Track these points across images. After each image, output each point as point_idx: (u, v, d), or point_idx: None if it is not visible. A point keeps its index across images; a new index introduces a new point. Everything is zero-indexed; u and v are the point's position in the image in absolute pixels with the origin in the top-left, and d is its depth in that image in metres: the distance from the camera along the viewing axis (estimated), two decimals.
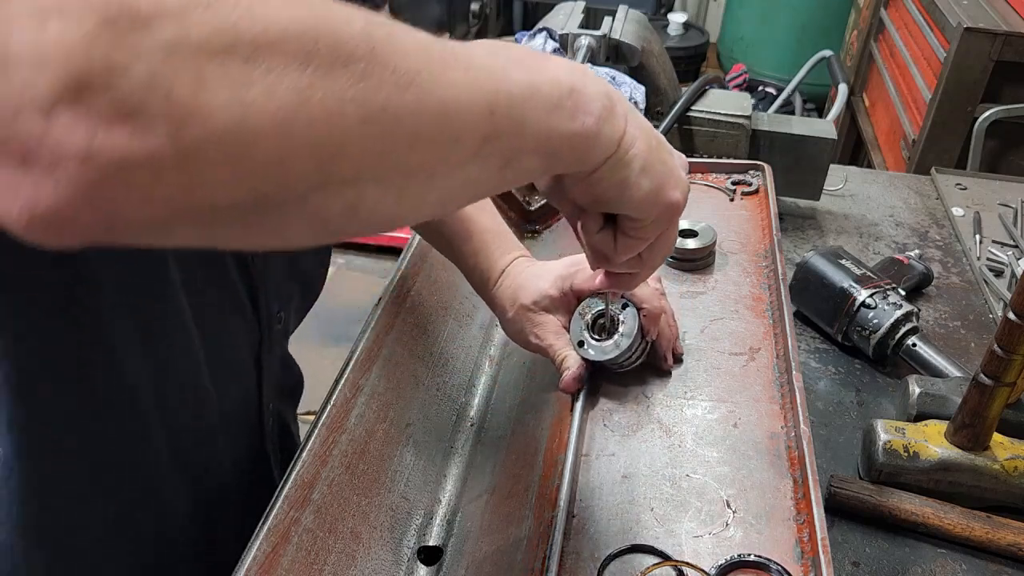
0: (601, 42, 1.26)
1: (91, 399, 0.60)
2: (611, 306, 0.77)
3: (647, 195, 0.55)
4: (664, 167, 0.55)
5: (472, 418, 0.90)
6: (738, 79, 3.61)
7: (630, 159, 0.53)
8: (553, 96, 0.47)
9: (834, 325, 1.09)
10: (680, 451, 0.71)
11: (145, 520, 0.68)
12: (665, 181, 0.55)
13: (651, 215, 0.56)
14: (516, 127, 0.46)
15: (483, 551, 0.71)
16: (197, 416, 0.68)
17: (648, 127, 0.56)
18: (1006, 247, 1.33)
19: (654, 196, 0.55)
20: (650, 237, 0.58)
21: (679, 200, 0.57)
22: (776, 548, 0.62)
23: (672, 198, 0.56)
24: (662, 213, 0.57)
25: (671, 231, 0.60)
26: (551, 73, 0.48)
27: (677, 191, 0.56)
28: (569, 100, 0.48)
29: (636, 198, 0.55)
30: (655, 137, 0.56)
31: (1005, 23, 1.86)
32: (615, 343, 0.76)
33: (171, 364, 0.64)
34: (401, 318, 0.89)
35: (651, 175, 0.54)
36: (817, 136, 1.30)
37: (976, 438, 0.86)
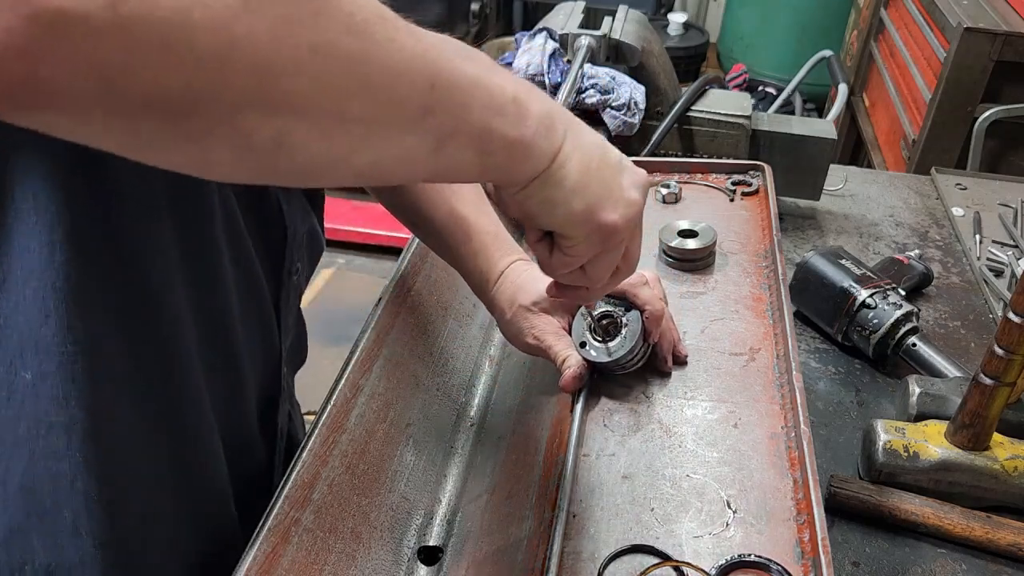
0: (601, 42, 1.26)
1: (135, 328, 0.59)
2: (614, 308, 0.77)
3: (576, 215, 0.56)
4: (603, 187, 0.56)
5: (472, 418, 0.90)
6: (738, 79, 3.61)
7: (560, 178, 0.54)
8: (496, 97, 0.49)
9: (834, 325, 1.09)
10: (680, 451, 0.71)
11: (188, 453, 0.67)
12: (600, 202, 0.56)
13: (580, 235, 0.57)
14: (455, 110, 0.47)
15: (483, 551, 0.71)
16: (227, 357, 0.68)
17: (593, 145, 0.56)
18: (1006, 247, 1.33)
19: (584, 216, 0.56)
20: (584, 255, 0.59)
21: (614, 222, 0.57)
22: (776, 548, 0.62)
23: (605, 220, 0.57)
24: (593, 233, 0.57)
25: (616, 253, 0.60)
26: (499, 79, 0.50)
27: (614, 213, 0.57)
28: (511, 106, 0.50)
29: (563, 217, 0.56)
30: (601, 156, 0.57)
31: (1005, 23, 1.86)
32: (618, 345, 0.76)
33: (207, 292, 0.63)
34: (401, 318, 0.89)
35: (584, 195, 0.55)
36: (817, 136, 1.31)
37: (976, 438, 0.86)
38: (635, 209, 0.58)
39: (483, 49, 2.44)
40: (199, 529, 0.69)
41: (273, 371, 0.78)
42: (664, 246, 0.95)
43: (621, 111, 1.19)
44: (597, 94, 1.18)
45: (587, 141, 0.56)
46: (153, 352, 0.61)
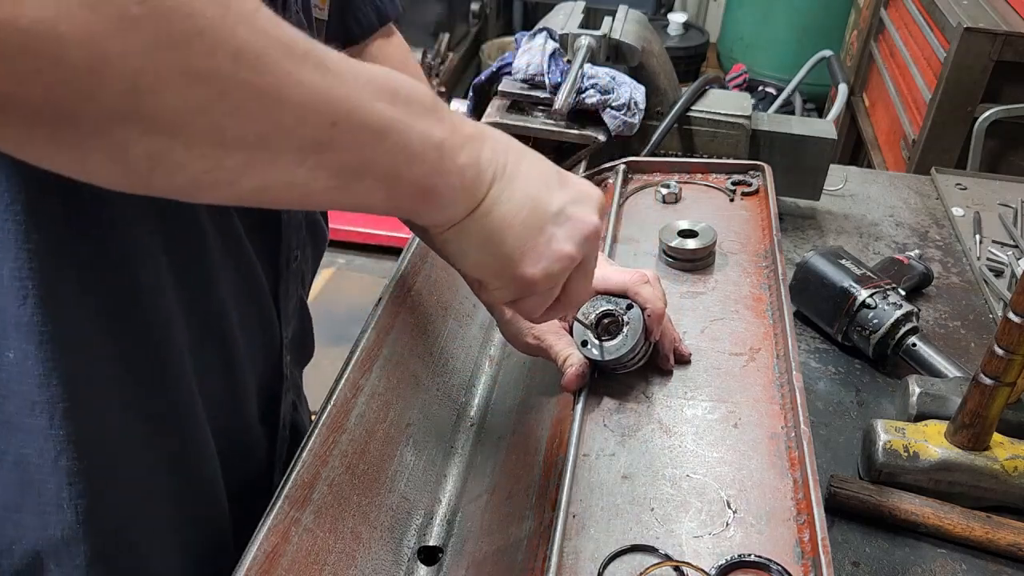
0: (601, 42, 1.26)
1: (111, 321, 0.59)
2: (616, 306, 0.77)
3: (488, 267, 0.57)
4: (523, 242, 0.56)
5: (472, 418, 0.90)
6: (738, 79, 3.61)
7: (476, 230, 0.55)
8: (412, 144, 0.49)
9: (834, 325, 1.09)
10: (680, 451, 0.71)
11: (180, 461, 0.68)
12: (517, 257, 0.56)
13: (495, 283, 0.58)
14: (360, 150, 0.47)
15: (483, 551, 0.71)
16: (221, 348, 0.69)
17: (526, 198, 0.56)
18: (1006, 247, 1.33)
19: (497, 269, 0.57)
20: (503, 300, 0.60)
21: (531, 276, 0.57)
22: (776, 548, 0.62)
23: (520, 273, 0.57)
24: (508, 284, 0.58)
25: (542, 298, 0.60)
26: (425, 125, 0.50)
27: (533, 268, 0.57)
28: (432, 154, 0.50)
29: (474, 266, 0.57)
30: (531, 210, 0.56)
31: (1005, 23, 1.86)
32: (619, 343, 0.76)
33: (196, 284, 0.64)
34: (401, 318, 0.89)
35: (499, 249, 0.56)
36: (817, 136, 1.30)
37: (976, 438, 0.86)
38: (562, 264, 0.58)
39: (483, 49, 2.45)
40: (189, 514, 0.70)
41: (274, 361, 0.78)
42: (664, 246, 0.95)
43: (621, 111, 1.19)
44: (597, 94, 1.18)
45: (519, 194, 0.56)
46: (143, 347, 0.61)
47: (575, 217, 0.58)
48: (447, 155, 0.52)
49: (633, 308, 0.77)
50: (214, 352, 0.68)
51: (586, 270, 0.62)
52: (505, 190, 0.56)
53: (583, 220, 0.59)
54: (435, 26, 3.50)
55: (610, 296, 0.78)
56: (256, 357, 0.74)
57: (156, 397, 0.64)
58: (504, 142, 0.58)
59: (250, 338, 0.72)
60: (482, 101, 1.28)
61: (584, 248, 0.59)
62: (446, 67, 3.41)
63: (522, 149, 0.59)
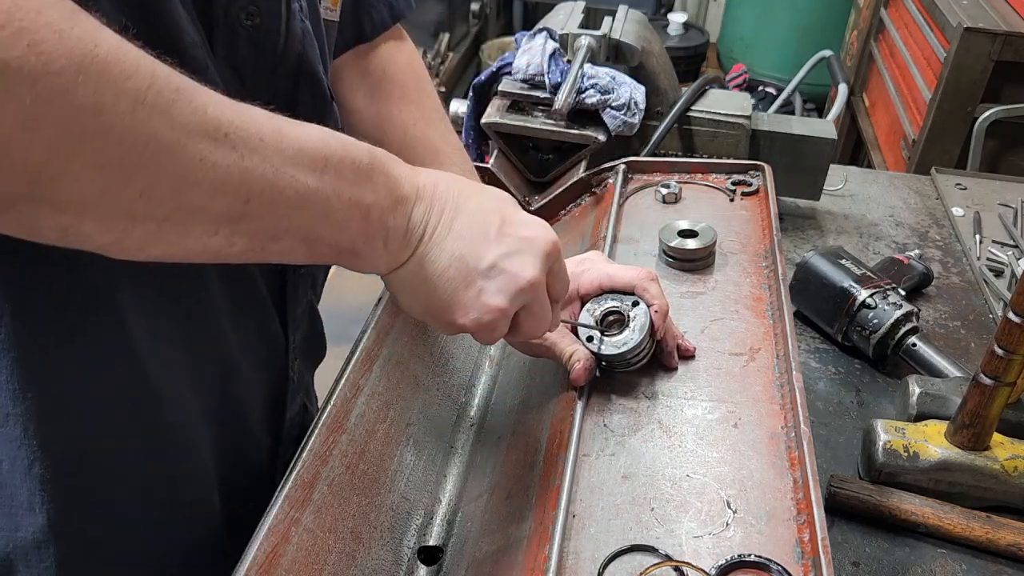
0: (601, 42, 1.26)
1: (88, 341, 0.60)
2: (621, 303, 0.77)
3: (419, 314, 0.62)
4: (450, 296, 0.60)
5: (472, 418, 0.90)
6: (738, 79, 3.61)
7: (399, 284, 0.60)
8: (338, 212, 0.52)
9: (834, 325, 1.09)
10: (680, 451, 0.71)
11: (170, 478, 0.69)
12: (445, 308, 0.61)
13: (434, 326, 0.63)
14: (277, 220, 0.50)
15: (483, 551, 0.71)
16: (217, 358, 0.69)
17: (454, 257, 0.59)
18: (1006, 247, 1.33)
19: (427, 316, 0.62)
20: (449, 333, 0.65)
21: (463, 325, 0.61)
22: (776, 548, 0.62)
23: (453, 322, 0.61)
24: (444, 328, 0.63)
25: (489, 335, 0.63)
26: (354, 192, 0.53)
27: (462, 318, 0.61)
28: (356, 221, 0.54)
29: (408, 310, 0.62)
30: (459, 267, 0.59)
31: (1005, 23, 1.86)
32: (624, 339, 0.76)
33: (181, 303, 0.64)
34: (401, 318, 0.89)
35: (426, 301, 0.61)
36: (817, 136, 1.30)
37: (976, 438, 0.86)
38: (492, 315, 0.61)
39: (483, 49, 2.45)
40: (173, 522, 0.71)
41: (280, 367, 0.78)
42: (664, 246, 0.95)
43: (621, 111, 1.19)
44: (597, 94, 1.18)
45: (447, 252, 0.59)
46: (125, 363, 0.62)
47: (508, 271, 0.61)
48: (374, 220, 0.55)
49: (638, 305, 0.77)
50: (208, 363, 0.68)
51: (534, 313, 0.64)
52: (433, 249, 0.59)
53: (515, 274, 0.61)
54: (435, 26, 3.49)
55: (615, 293, 0.78)
56: (258, 365, 0.74)
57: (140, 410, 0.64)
58: (443, 197, 0.60)
59: (249, 347, 0.72)
60: (482, 101, 1.28)
61: (517, 300, 0.62)
62: (446, 67, 3.41)
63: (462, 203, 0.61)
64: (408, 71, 0.91)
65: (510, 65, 1.25)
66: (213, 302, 0.66)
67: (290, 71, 0.65)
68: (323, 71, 0.70)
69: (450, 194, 0.61)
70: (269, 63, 0.63)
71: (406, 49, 0.93)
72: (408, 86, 0.90)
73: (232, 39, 0.60)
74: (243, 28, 0.60)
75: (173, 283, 0.62)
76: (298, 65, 0.66)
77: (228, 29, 0.60)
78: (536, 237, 0.63)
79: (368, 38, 0.87)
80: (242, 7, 0.59)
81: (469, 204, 0.61)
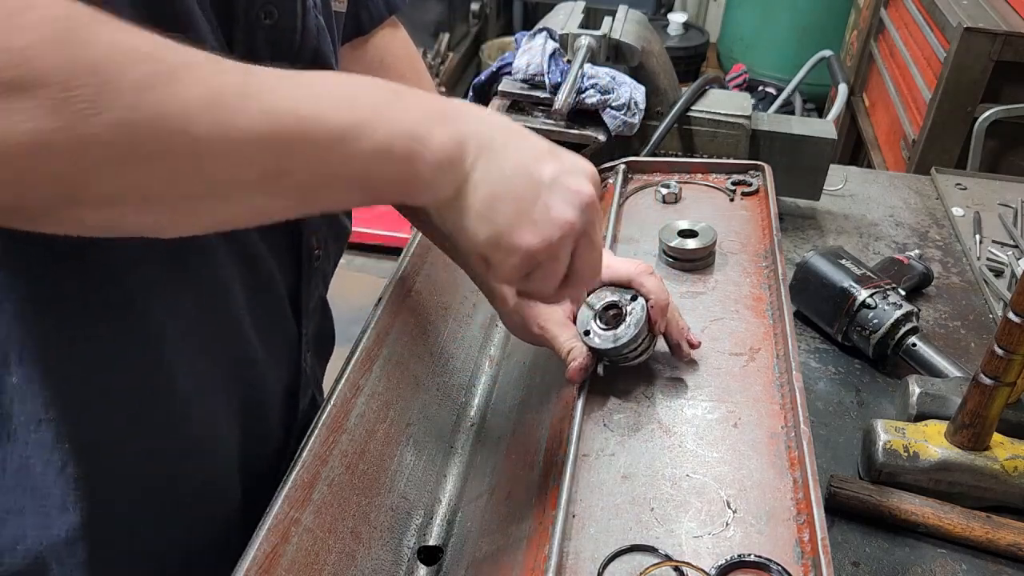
0: (601, 42, 1.26)
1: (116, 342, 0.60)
2: (620, 297, 0.77)
3: (484, 242, 0.57)
4: (517, 212, 0.56)
5: (472, 418, 0.90)
6: (738, 79, 3.61)
7: (465, 207, 0.55)
8: (380, 140, 0.50)
9: (834, 325, 1.09)
10: (680, 451, 0.71)
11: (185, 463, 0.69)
12: (513, 227, 0.56)
13: (496, 258, 0.58)
14: (319, 167, 0.48)
15: (483, 551, 0.71)
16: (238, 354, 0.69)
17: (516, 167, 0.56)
18: (1006, 247, 1.33)
19: (493, 242, 0.57)
20: (511, 275, 0.59)
21: (529, 245, 0.57)
22: (776, 548, 0.62)
23: (518, 243, 0.56)
24: (508, 256, 0.57)
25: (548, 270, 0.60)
26: (388, 118, 0.51)
27: (531, 236, 0.56)
28: (403, 146, 0.51)
29: (472, 242, 0.57)
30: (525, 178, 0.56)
31: (1005, 23, 1.86)
32: (621, 333, 0.75)
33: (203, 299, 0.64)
34: (401, 318, 0.89)
35: (491, 222, 0.56)
36: (817, 136, 1.30)
37: (976, 438, 0.86)
38: (562, 230, 0.57)
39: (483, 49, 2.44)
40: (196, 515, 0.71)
41: (295, 358, 0.79)
42: (664, 246, 0.95)
43: (621, 111, 1.19)
44: (597, 94, 1.18)
45: (509, 165, 0.56)
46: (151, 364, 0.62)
47: (570, 186, 0.58)
48: (421, 140, 0.52)
49: (637, 299, 0.76)
50: (229, 359, 0.68)
51: (591, 241, 0.61)
52: (493, 162, 0.55)
53: (578, 188, 0.58)
54: (435, 26, 3.49)
55: (615, 287, 0.78)
56: (275, 361, 0.75)
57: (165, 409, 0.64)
58: (489, 117, 0.58)
59: (267, 343, 0.72)
60: (482, 101, 1.28)
61: (584, 215, 0.58)
62: (446, 67, 3.41)
63: (510, 124, 0.59)
64: (405, 60, 0.91)
65: (510, 65, 1.25)
66: (232, 296, 0.66)
67: (306, 66, 0.66)
68: (335, 64, 0.71)
69: (497, 117, 0.59)
70: (287, 60, 0.64)
71: (401, 38, 0.93)
72: (406, 76, 0.90)
73: (251, 38, 0.61)
74: (261, 28, 0.61)
75: (192, 277, 0.62)
76: (314, 60, 0.67)
77: (247, 28, 0.61)
78: (583, 162, 0.61)
79: (365, 31, 0.87)
80: (260, 6, 0.60)
81: (516, 126, 0.59)
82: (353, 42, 0.87)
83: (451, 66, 3.45)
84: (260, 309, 0.70)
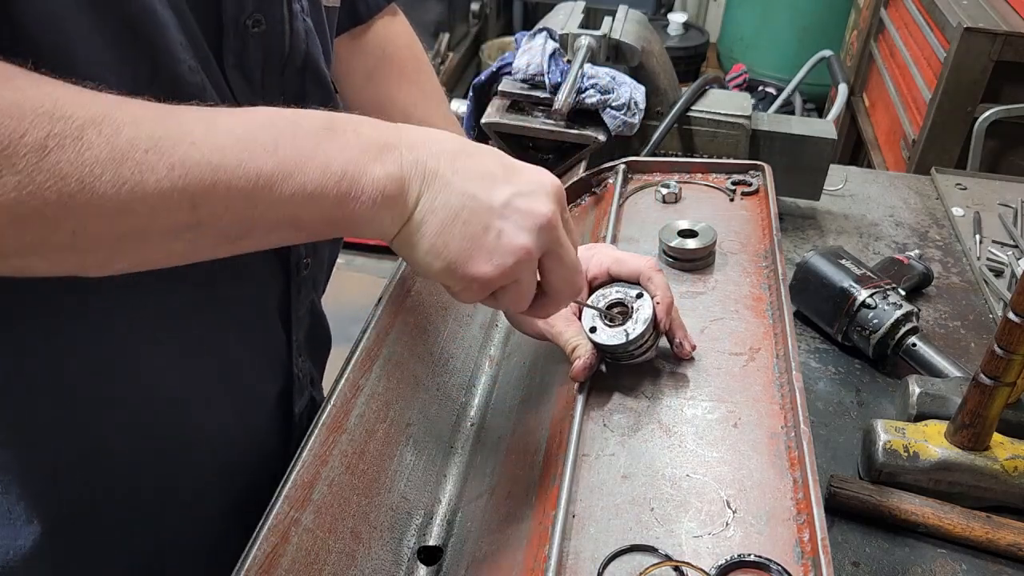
0: (601, 42, 1.26)
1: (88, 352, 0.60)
2: (625, 295, 0.77)
3: (438, 272, 0.56)
4: (467, 242, 0.55)
5: (472, 418, 0.90)
6: (738, 79, 3.61)
7: (413, 241, 0.54)
8: (310, 182, 0.49)
9: (834, 325, 1.09)
10: (680, 451, 0.71)
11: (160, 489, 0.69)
12: (465, 257, 0.55)
13: (454, 287, 0.57)
14: (234, 213, 0.47)
15: (483, 551, 0.71)
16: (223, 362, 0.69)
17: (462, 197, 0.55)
18: (1006, 247, 1.33)
19: (447, 273, 0.56)
20: (472, 299, 0.59)
21: (484, 274, 0.56)
22: (776, 548, 0.62)
23: (471, 273, 0.55)
24: (466, 285, 0.56)
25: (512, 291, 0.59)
26: (322, 157, 0.49)
27: (485, 265, 0.55)
28: (334, 186, 0.50)
29: (426, 272, 0.56)
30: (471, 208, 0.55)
31: (1005, 23, 1.86)
32: (628, 330, 0.75)
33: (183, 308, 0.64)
34: (401, 318, 0.89)
35: (443, 254, 0.55)
36: (817, 136, 1.30)
37: (976, 438, 0.86)
38: (515, 255, 0.56)
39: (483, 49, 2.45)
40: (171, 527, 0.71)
41: (285, 366, 0.78)
42: (664, 246, 0.95)
43: (621, 111, 1.19)
44: (597, 94, 1.18)
45: (455, 196, 0.55)
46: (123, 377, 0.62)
47: (523, 209, 0.56)
48: (354, 179, 0.51)
49: (642, 297, 0.77)
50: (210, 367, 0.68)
51: (559, 258, 0.60)
52: (439, 193, 0.54)
53: (532, 211, 0.57)
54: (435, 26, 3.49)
55: (619, 285, 0.78)
56: (261, 365, 0.74)
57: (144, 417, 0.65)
58: (434, 143, 0.56)
59: (253, 347, 0.72)
60: (482, 101, 1.28)
61: (540, 238, 0.57)
62: (446, 67, 3.41)
63: (458, 147, 0.57)
64: (406, 50, 0.91)
65: (510, 65, 1.25)
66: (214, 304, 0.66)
67: (297, 69, 0.67)
68: (326, 64, 0.71)
69: (446, 142, 0.57)
70: (278, 65, 0.65)
71: (403, 27, 0.92)
72: (407, 67, 0.90)
73: (242, 47, 0.62)
74: (251, 36, 0.62)
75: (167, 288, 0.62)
76: (304, 62, 0.67)
77: (237, 38, 0.61)
78: (542, 179, 0.59)
79: (363, 19, 0.87)
80: (248, 15, 0.61)
81: (467, 149, 0.58)
82: (353, 32, 0.87)
83: (451, 66, 3.45)
84: (244, 317, 0.70)
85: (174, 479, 0.69)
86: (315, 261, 0.78)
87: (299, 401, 0.82)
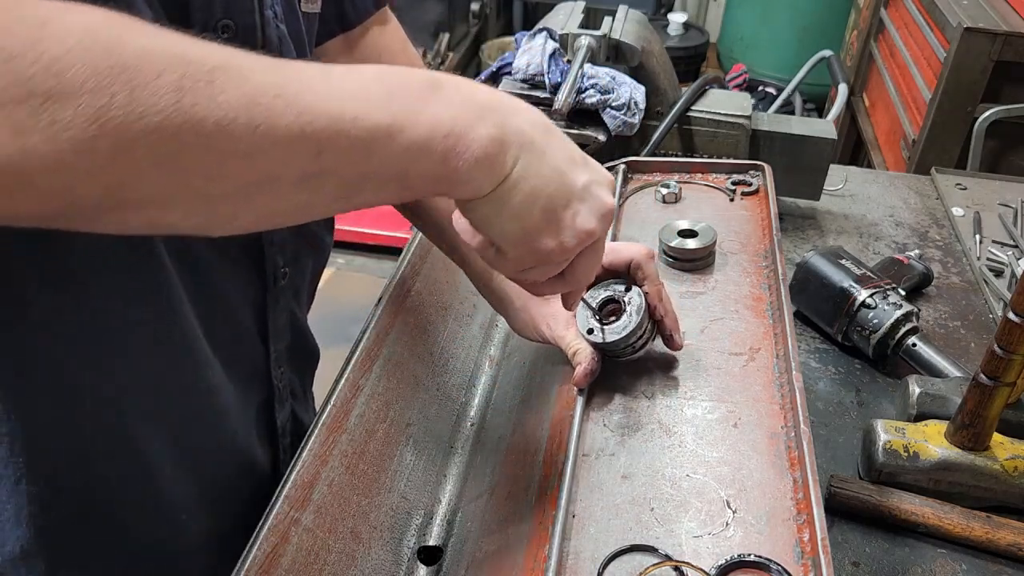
0: (601, 42, 1.26)
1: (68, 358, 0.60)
2: (615, 291, 0.77)
3: (512, 237, 0.57)
4: (547, 215, 0.57)
5: (472, 418, 0.90)
6: (738, 79, 3.61)
7: (501, 203, 0.55)
8: (417, 140, 0.49)
9: (834, 325, 1.09)
10: (680, 451, 0.71)
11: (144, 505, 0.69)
12: (540, 229, 0.57)
13: (515, 252, 0.59)
14: (357, 165, 0.48)
15: (483, 551, 0.71)
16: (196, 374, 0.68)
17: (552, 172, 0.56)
18: (1006, 247, 1.33)
19: (519, 239, 0.57)
20: (517, 268, 0.60)
21: (550, 249, 0.58)
22: (776, 548, 0.62)
23: (540, 245, 0.58)
24: (527, 253, 0.58)
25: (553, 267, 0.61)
26: (429, 115, 0.50)
27: (552, 240, 0.57)
28: (440, 144, 0.50)
29: (499, 234, 0.57)
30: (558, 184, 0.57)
31: (1005, 23, 1.86)
32: (623, 325, 0.75)
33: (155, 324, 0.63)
34: (401, 318, 0.89)
35: (523, 220, 0.56)
36: (817, 136, 1.30)
37: (976, 438, 0.86)
38: (581, 238, 0.58)
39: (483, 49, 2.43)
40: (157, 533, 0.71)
41: (264, 378, 0.78)
42: (664, 246, 0.95)
43: (621, 111, 1.19)
44: (597, 94, 1.18)
45: (546, 168, 0.56)
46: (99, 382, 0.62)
47: (597, 196, 0.59)
48: (460, 136, 0.51)
49: (632, 290, 0.77)
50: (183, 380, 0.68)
51: (596, 249, 0.62)
52: (533, 163, 0.55)
53: (603, 199, 0.59)
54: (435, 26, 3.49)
55: (607, 283, 0.78)
56: (237, 377, 0.73)
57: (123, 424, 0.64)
58: (528, 112, 0.57)
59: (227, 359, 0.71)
60: None
61: (603, 227, 0.60)
62: (446, 67, 3.41)
63: (547, 123, 0.59)
64: (402, 56, 0.90)
65: (510, 65, 1.25)
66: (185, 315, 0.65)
67: None
68: None
69: (535, 114, 0.58)
70: None
71: (397, 36, 0.91)
72: None
73: None
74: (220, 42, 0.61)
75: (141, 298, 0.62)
76: None
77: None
78: (606, 172, 0.62)
79: (352, 25, 0.86)
80: (217, 20, 0.60)
81: (552, 128, 0.59)
82: (346, 37, 0.86)
83: (451, 66, 3.46)
84: (218, 329, 0.69)
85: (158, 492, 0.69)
86: (295, 271, 0.77)
87: (281, 411, 0.81)
